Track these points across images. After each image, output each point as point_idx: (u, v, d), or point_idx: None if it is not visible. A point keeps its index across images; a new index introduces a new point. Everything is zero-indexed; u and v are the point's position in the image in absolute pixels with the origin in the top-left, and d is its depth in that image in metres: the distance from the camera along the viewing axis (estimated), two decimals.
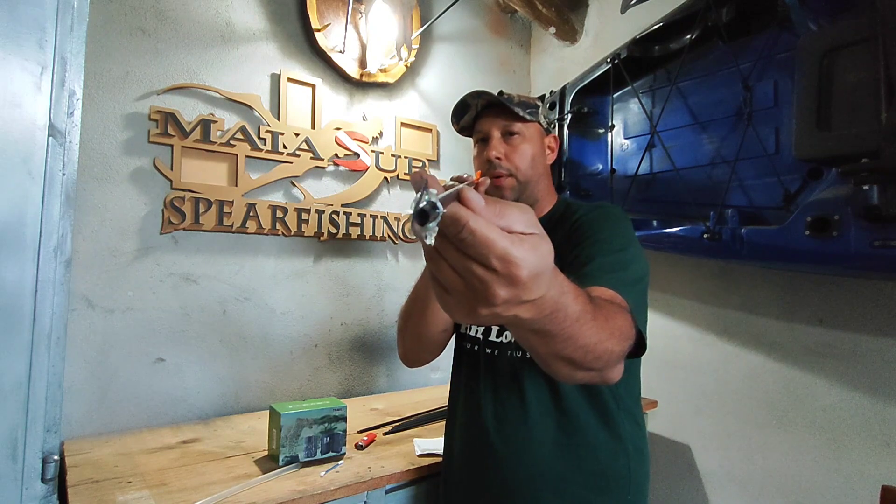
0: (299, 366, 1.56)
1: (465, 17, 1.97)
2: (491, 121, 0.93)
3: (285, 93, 1.53)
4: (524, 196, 0.93)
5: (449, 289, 0.35)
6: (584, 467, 0.84)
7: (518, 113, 0.91)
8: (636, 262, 0.78)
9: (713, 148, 1.40)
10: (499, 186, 0.91)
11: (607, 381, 0.59)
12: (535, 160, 0.93)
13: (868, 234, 0.98)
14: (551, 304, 0.40)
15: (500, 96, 0.92)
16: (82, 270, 1.23)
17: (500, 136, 0.92)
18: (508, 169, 0.91)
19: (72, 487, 0.94)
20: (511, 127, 0.92)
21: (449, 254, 0.34)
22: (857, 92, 0.98)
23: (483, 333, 0.94)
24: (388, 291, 1.76)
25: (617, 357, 0.56)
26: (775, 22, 1.24)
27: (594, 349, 0.51)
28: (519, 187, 0.92)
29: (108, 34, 1.28)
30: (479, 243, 0.32)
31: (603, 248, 0.78)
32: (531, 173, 0.93)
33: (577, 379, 0.55)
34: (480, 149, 0.96)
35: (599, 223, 0.84)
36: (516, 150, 0.92)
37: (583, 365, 0.52)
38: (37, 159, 0.98)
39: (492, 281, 0.33)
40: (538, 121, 0.95)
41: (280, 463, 1.03)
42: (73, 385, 1.21)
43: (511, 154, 0.91)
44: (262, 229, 1.48)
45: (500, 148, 0.92)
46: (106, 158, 1.28)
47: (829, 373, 1.28)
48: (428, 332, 0.97)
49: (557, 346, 0.47)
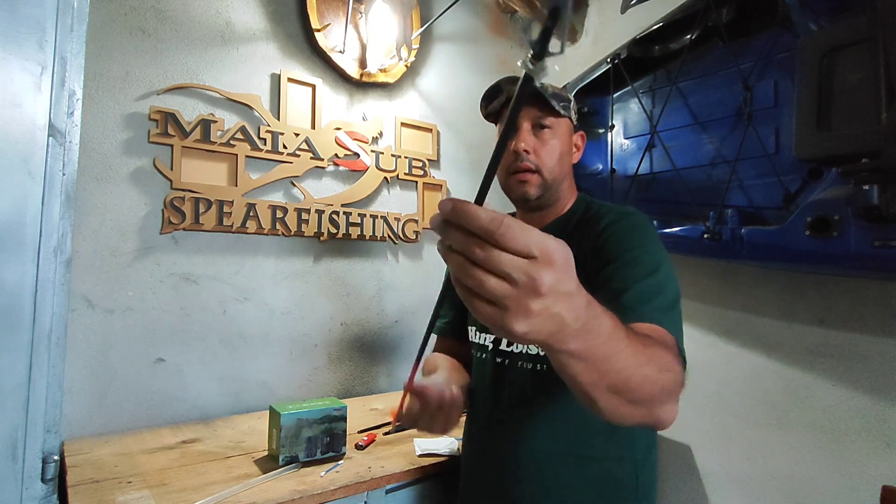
0: (299, 366, 1.56)
1: (465, 17, 1.97)
2: (522, 112, 0.86)
3: (285, 93, 1.53)
4: (547, 195, 0.89)
5: (496, 297, 0.35)
6: (590, 476, 0.83)
7: (552, 106, 0.85)
8: (669, 281, 0.75)
9: (713, 148, 1.40)
10: (523, 182, 0.86)
11: (659, 422, 0.56)
12: (562, 158, 0.89)
13: (868, 234, 0.98)
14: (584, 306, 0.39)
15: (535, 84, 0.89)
16: (82, 270, 1.23)
17: (529, 128, 0.87)
18: (535, 164, 0.86)
19: (72, 487, 0.94)
20: (543, 120, 0.87)
21: (490, 256, 0.34)
22: (858, 92, 0.98)
23: (493, 342, 0.91)
24: (388, 291, 1.76)
25: (661, 389, 0.53)
26: (775, 22, 1.24)
27: (635, 373, 0.48)
28: (543, 185, 0.87)
29: (108, 34, 1.28)
30: (518, 234, 0.33)
31: (636, 270, 0.74)
32: (557, 171, 0.88)
33: (625, 415, 0.51)
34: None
35: (628, 237, 0.80)
36: (546, 145, 0.87)
37: (626, 393, 0.49)
38: (37, 159, 0.98)
39: (536, 268, 0.34)
40: (570, 116, 0.90)
41: (280, 463, 1.03)
42: (73, 385, 1.21)
43: (540, 149, 0.86)
44: (262, 229, 1.48)
45: (530, 140, 0.86)
46: (106, 158, 1.28)
47: (830, 373, 1.28)
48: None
49: (597, 367, 0.45)
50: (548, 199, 0.89)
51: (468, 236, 0.34)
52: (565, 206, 0.93)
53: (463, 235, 0.34)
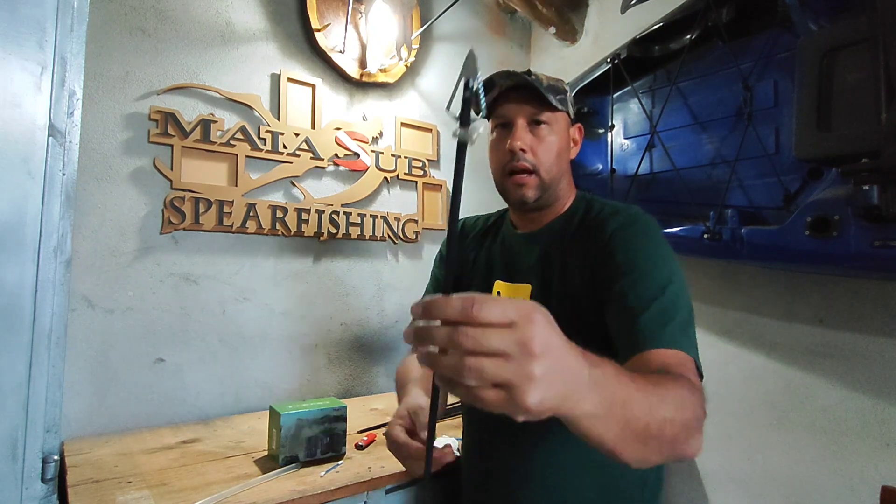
0: (299, 366, 1.56)
1: (465, 17, 1.97)
2: (517, 106, 0.82)
3: (285, 93, 1.53)
4: (545, 196, 0.84)
5: (498, 378, 0.34)
6: (602, 482, 0.80)
7: (548, 100, 0.80)
8: (681, 294, 0.71)
9: (713, 148, 1.40)
10: (520, 185, 0.82)
11: (686, 457, 0.54)
12: (560, 155, 0.84)
13: (868, 234, 0.98)
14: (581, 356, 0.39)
15: (528, 76, 0.80)
16: (82, 270, 1.23)
17: (525, 125, 0.82)
18: (533, 164, 0.81)
19: (72, 487, 0.94)
20: (539, 115, 0.82)
21: (477, 337, 0.34)
22: (858, 92, 0.98)
23: None
24: (388, 291, 1.76)
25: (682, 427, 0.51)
26: (775, 22, 1.24)
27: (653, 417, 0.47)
28: (541, 186, 0.83)
29: (108, 34, 1.28)
30: (492, 307, 0.34)
31: (650, 286, 0.70)
32: (556, 170, 0.83)
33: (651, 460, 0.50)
34: (501, 136, 0.85)
35: (639, 245, 0.75)
36: (542, 143, 0.82)
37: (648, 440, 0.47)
38: (37, 159, 0.98)
39: (522, 331, 0.34)
40: (567, 109, 0.85)
41: (280, 463, 1.03)
42: (73, 385, 1.21)
43: (537, 146, 0.82)
44: (262, 229, 1.48)
45: (526, 138, 0.81)
46: (106, 158, 1.28)
47: (830, 373, 1.28)
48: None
49: (615, 419, 0.43)
50: (546, 199, 0.85)
51: (450, 331, 0.35)
52: (565, 205, 0.89)
53: (446, 331, 0.35)
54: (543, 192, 0.83)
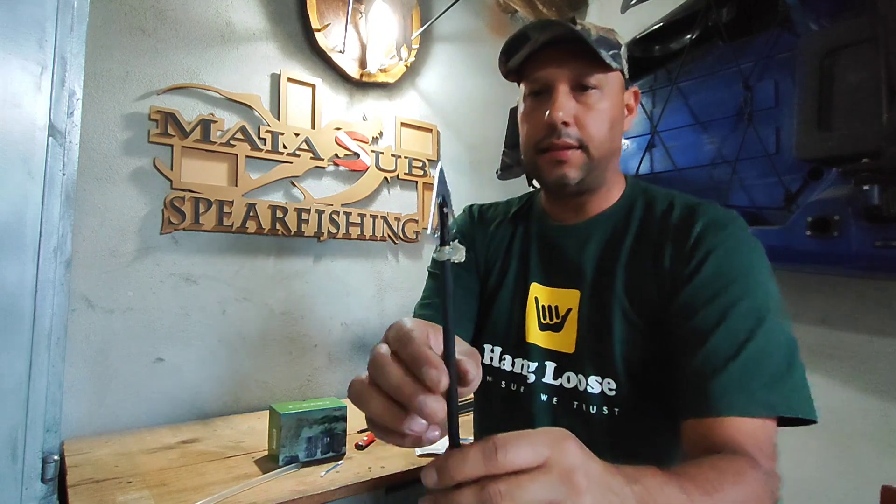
0: (299, 366, 1.56)
1: (465, 17, 1.97)
2: (557, 67, 0.64)
3: (285, 93, 1.53)
4: (591, 178, 0.66)
5: None
6: None
7: (600, 56, 0.62)
8: (777, 331, 0.57)
9: (714, 148, 1.40)
10: (560, 161, 0.65)
11: None
12: (614, 127, 0.66)
13: (869, 235, 0.98)
14: (624, 475, 0.35)
15: (573, 26, 0.62)
16: (82, 270, 1.23)
17: (568, 91, 0.64)
18: (579, 139, 0.64)
19: (72, 487, 0.94)
20: (586, 77, 0.63)
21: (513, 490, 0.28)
22: (858, 92, 0.97)
23: (536, 372, 0.69)
24: (388, 291, 1.76)
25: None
26: (776, 22, 1.24)
27: None
28: (588, 165, 0.65)
29: (108, 34, 1.28)
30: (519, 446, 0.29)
31: (735, 328, 0.55)
32: (607, 148, 0.66)
33: None
34: (535, 106, 0.67)
35: (733, 269, 0.59)
36: (591, 112, 0.64)
37: None
38: (37, 159, 0.98)
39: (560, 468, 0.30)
40: (622, 68, 0.67)
41: (280, 463, 1.03)
42: (73, 385, 1.21)
43: (584, 117, 0.64)
44: (261, 229, 1.48)
45: (569, 107, 0.64)
46: (106, 158, 1.28)
47: (833, 373, 1.28)
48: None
49: None
50: (592, 182, 0.67)
51: (478, 492, 0.28)
52: (613, 197, 0.71)
53: (474, 493, 0.28)
54: (589, 173, 0.66)
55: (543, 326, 0.70)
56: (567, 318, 0.68)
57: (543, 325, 0.70)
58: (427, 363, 0.30)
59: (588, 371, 0.65)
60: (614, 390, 0.63)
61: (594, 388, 0.64)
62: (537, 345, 0.70)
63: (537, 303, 0.71)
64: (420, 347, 0.32)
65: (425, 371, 0.30)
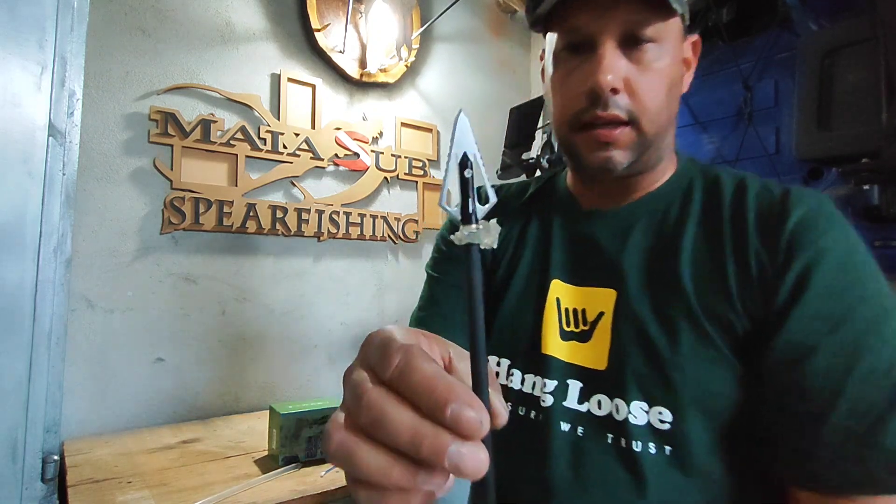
0: (299, 366, 1.56)
1: (465, 17, 1.97)
2: (603, 12, 0.48)
3: (285, 93, 1.53)
4: (643, 159, 0.52)
5: None
6: None
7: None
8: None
9: (714, 148, 1.40)
10: (604, 143, 0.50)
11: None
12: (672, 92, 0.51)
13: (869, 234, 0.98)
14: None
15: None
16: (82, 270, 1.23)
17: (615, 46, 0.48)
18: (630, 111, 0.49)
19: (72, 487, 0.93)
20: (642, 28, 0.48)
21: None
22: (858, 92, 0.98)
23: (555, 392, 0.53)
24: (388, 291, 1.76)
25: None
26: (776, 22, 1.24)
27: None
28: (640, 144, 0.50)
29: (108, 34, 1.28)
30: None
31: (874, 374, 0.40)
32: (664, 119, 0.51)
33: None
34: (571, 65, 0.51)
35: (851, 286, 0.43)
36: (647, 75, 0.49)
37: None
38: (37, 159, 0.98)
39: None
40: (684, 12, 0.51)
41: (280, 463, 1.03)
42: (73, 385, 1.20)
43: (637, 81, 0.49)
44: (261, 229, 1.48)
45: (619, 67, 0.48)
46: (106, 158, 1.28)
47: None
48: None
49: None
50: (644, 164, 0.53)
51: None
52: (665, 174, 0.56)
53: None
54: (641, 154, 0.51)
55: (566, 335, 0.55)
56: (598, 324, 0.53)
57: (566, 332, 0.55)
58: (455, 398, 0.21)
59: (630, 395, 0.48)
60: (669, 423, 0.46)
61: (638, 417, 0.48)
62: (557, 357, 0.54)
63: (559, 304, 0.56)
64: (436, 372, 0.23)
65: (457, 411, 0.21)
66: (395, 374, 0.23)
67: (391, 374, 0.23)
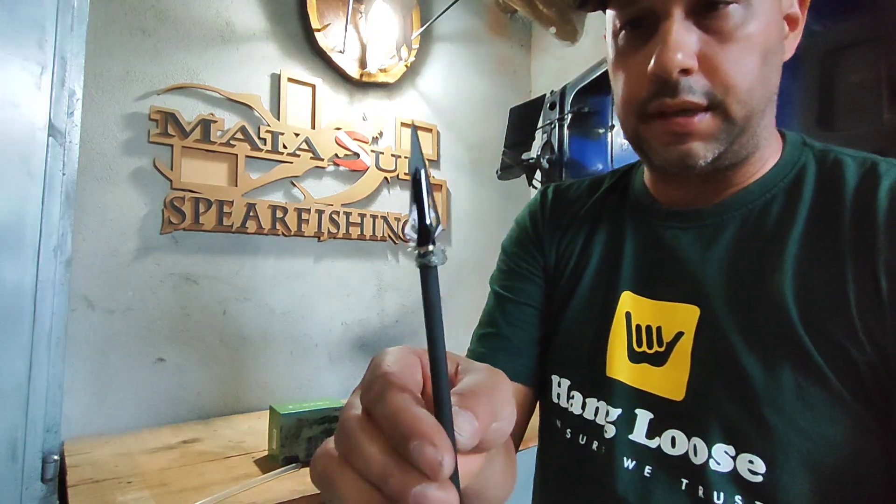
0: (299, 366, 1.56)
1: (465, 17, 1.97)
2: None
3: (285, 93, 1.53)
4: (732, 151, 0.43)
5: None
6: None
7: None
8: None
9: None
10: (680, 134, 0.41)
11: None
12: (768, 61, 0.42)
13: None
14: None
15: None
16: (82, 270, 1.23)
17: (683, 17, 0.39)
18: (709, 92, 0.40)
19: (72, 487, 0.93)
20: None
21: None
22: (860, 92, 0.97)
23: (619, 423, 0.47)
24: (388, 291, 1.76)
25: None
26: None
27: None
28: (727, 133, 0.41)
29: (108, 34, 1.28)
30: None
31: None
32: (759, 96, 0.42)
33: None
34: (633, 44, 0.43)
35: None
36: (729, 46, 0.40)
37: None
38: (37, 159, 0.98)
39: None
40: None
41: (280, 463, 1.03)
42: (73, 385, 1.20)
43: (717, 55, 0.40)
44: (262, 229, 1.48)
45: (690, 44, 0.39)
46: (106, 158, 1.28)
47: None
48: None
49: None
50: (735, 154, 0.44)
51: None
52: (768, 162, 0.47)
53: None
54: (730, 143, 0.42)
55: (636, 356, 0.47)
56: (675, 346, 0.45)
57: (636, 353, 0.47)
58: (417, 434, 0.20)
59: (712, 435, 0.41)
60: (762, 475, 0.38)
61: (721, 463, 0.40)
62: (623, 382, 0.47)
63: (629, 320, 0.48)
64: (401, 405, 0.21)
65: (417, 450, 0.19)
66: (371, 404, 0.22)
67: (367, 403, 0.22)
